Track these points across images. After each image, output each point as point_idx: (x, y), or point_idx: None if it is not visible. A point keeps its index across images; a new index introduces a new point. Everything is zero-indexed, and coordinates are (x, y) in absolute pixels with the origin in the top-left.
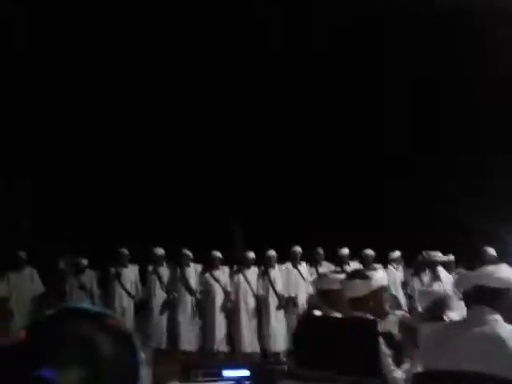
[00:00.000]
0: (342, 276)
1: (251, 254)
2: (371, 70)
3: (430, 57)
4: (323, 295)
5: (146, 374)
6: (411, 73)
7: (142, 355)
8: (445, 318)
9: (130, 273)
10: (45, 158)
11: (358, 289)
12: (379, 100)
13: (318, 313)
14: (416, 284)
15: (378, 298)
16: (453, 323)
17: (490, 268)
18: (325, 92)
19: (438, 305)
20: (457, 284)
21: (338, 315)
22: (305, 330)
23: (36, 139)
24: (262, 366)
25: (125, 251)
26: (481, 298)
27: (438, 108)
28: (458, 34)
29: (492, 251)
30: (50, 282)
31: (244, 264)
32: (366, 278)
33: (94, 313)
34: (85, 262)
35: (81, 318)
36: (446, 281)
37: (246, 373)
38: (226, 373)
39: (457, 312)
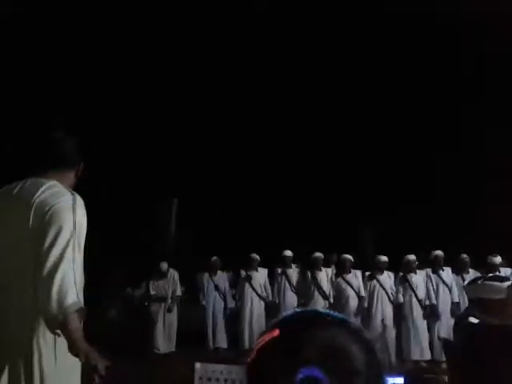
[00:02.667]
0: (504, 284)
1: (383, 258)
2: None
3: None
4: (482, 304)
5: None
6: None
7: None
8: None
9: (260, 276)
10: (187, 181)
11: None
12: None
13: (474, 320)
14: None
15: None
16: None
17: None
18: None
19: None
20: None
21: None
22: (467, 339)
23: (180, 165)
24: (418, 374)
25: (255, 256)
26: None
27: None
28: None
29: None
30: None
31: (377, 268)
32: None
33: (339, 318)
34: (218, 263)
35: (330, 324)
36: None
37: (400, 380)
38: None
39: None
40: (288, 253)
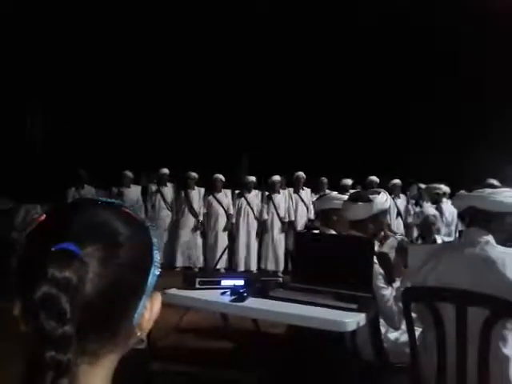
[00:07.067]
0: (345, 197)
1: (252, 178)
2: None
3: None
4: (324, 215)
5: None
6: None
7: (155, 239)
8: (437, 238)
9: (133, 193)
10: (54, 82)
11: (360, 212)
12: None
13: (315, 232)
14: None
15: (379, 222)
16: (445, 243)
17: (487, 190)
18: None
19: (427, 223)
20: (454, 204)
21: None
22: (301, 246)
23: (45, 65)
24: (258, 277)
25: (129, 173)
26: (474, 219)
27: None
28: None
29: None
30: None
31: (246, 188)
32: (368, 201)
33: (109, 202)
34: (85, 177)
35: (97, 206)
36: (449, 212)
37: (241, 282)
38: (224, 282)
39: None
40: (164, 170)
